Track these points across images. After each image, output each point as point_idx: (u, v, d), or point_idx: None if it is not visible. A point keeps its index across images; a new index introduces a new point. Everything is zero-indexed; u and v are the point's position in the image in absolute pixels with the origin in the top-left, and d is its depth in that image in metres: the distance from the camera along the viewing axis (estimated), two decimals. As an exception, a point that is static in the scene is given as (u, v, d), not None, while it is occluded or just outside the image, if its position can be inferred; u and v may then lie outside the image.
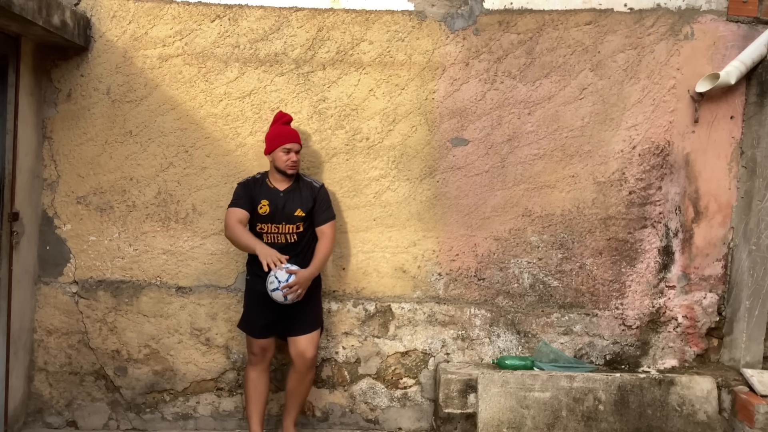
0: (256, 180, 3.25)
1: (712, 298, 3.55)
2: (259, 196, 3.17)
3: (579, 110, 3.48)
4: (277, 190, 3.19)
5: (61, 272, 3.46)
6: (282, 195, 3.18)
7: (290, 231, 3.16)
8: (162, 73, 3.42)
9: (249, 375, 3.27)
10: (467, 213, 3.51)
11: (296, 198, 3.19)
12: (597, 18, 3.45)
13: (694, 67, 3.46)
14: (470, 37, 3.44)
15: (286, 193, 3.19)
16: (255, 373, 3.25)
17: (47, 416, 3.50)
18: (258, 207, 3.16)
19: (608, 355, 3.56)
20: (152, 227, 3.47)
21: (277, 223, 3.15)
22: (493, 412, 3.23)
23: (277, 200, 3.16)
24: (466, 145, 3.48)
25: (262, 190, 3.20)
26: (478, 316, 3.53)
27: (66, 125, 3.43)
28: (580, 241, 3.51)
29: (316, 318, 3.29)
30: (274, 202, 3.16)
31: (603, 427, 3.26)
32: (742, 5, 3.45)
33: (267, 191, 3.19)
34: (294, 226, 3.16)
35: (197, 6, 3.41)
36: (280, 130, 3.17)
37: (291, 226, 3.15)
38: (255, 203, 3.16)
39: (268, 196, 3.17)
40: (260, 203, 3.16)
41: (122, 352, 3.49)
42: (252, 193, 3.18)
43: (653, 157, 3.49)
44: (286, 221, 3.15)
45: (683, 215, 3.52)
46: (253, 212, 3.16)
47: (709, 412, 3.28)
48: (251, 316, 3.24)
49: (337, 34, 3.43)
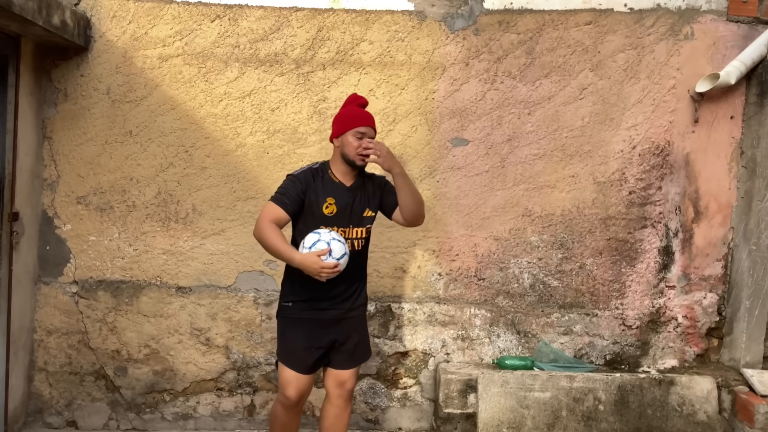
0: (315, 172, 2.64)
1: (712, 298, 3.55)
2: (323, 192, 2.60)
3: (579, 110, 3.48)
4: (343, 186, 2.64)
5: (61, 272, 3.46)
6: (349, 191, 2.64)
7: (359, 236, 2.65)
8: (162, 73, 3.42)
9: (279, 416, 2.74)
10: (467, 213, 3.51)
11: (364, 195, 2.68)
12: (597, 18, 3.45)
13: (694, 67, 3.46)
14: (470, 37, 3.44)
15: (354, 189, 2.66)
16: (289, 416, 2.74)
17: (47, 416, 3.50)
18: (323, 206, 2.58)
19: (608, 355, 3.56)
20: (152, 227, 3.47)
21: (345, 227, 2.61)
22: (493, 412, 3.23)
23: (344, 197, 2.62)
24: (466, 145, 3.48)
25: (324, 184, 2.62)
26: (478, 316, 3.53)
27: (66, 125, 3.43)
28: (580, 241, 3.52)
29: (367, 348, 2.85)
30: (341, 199, 2.61)
31: (603, 427, 3.26)
32: (742, 5, 3.45)
33: (331, 186, 2.62)
34: (363, 229, 2.67)
35: (197, 6, 3.41)
36: (353, 112, 2.64)
37: (360, 230, 2.65)
38: (315, 201, 2.59)
39: (333, 192, 2.61)
40: (325, 201, 2.59)
41: (122, 352, 3.49)
42: (308, 189, 2.59)
43: (653, 157, 3.49)
44: (355, 224, 2.64)
45: (683, 215, 3.52)
46: (310, 211, 2.59)
47: (709, 412, 3.28)
48: (299, 348, 2.65)
49: (337, 34, 3.43)
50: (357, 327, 2.76)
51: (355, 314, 2.74)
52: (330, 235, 2.46)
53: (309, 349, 2.65)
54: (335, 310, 2.67)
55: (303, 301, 2.65)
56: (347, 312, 2.70)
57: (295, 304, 2.67)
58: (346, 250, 2.48)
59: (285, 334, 2.70)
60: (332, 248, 2.43)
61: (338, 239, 2.47)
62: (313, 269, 2.43)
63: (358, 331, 2.75)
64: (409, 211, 2.64)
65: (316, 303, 2.64)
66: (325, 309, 2.66)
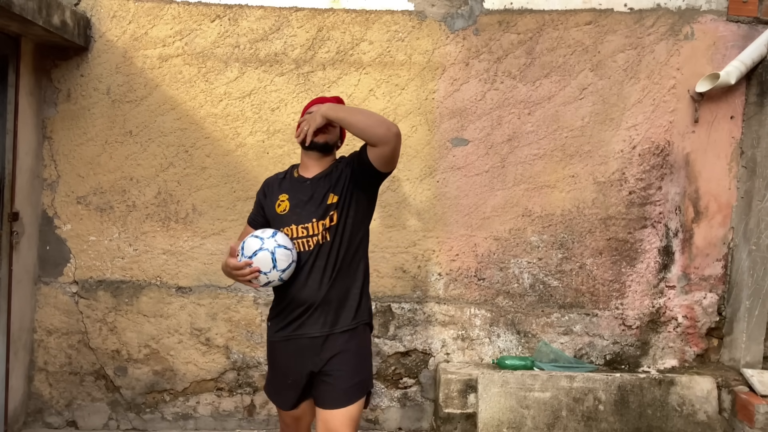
0: (284, 174, 2.37)
1: (712, 298, 3.55)
2: (278, 192, 2.30)
3: (579, 110, 3.48)
4: (302, 178, 2.28)
5: (61, 272, 3.46)
6: (308, 183, 2.25)
7: (327, 226, 2.17)
8: (162, 73, 3.42)
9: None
10: (467, 213, 3.51)
11: (327, 182, 2.23)
12: (597, 18, 3.45)
13: (694, 67, 3.46)
14: (470, 37, 3.44)
15: (316, 180, 2.25)
16: None
17: (47, 416, 3.50)
18: (275, 205, 2.27)
19: (608, 355, 3.56)
20: (152, 227, 3.47)
21: (305, 222, 2.18)
22: (493, 412, 3.23)
23: (300, 191, 2.25)
24: (466, 145, 3.48)
25: (283, 183, 2.33)
26: (478, 316, 3.53)
27: (66, 125, 3.43)
28: (580, 241, 3.51)
29: (362, 381, 2.22)
30: (296, 194, 2.25)
31: (603, 427, 3.26)
32: (742, 5, 3.45)
33: (288, 183, 2.31)
34: (328, 219, 2.18)
35: (197, 6, 3.41)
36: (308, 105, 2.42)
37: (324, 222, 2.17)
38: (269, 203, 2.30)
39: (288, 188, 2.29)
40: (277, 199, 2.27)
41: (122, 352, 3.49)
42: (267, 194, 2.33)
43: (653, 157, 3.49)
44: (319, 216, 2.18)
45: (683, 215, 3.52)
46: (270, 215, 2.30)
47: (709, 412, 3.28)
48: (275, 377, 2.31)
49: (337, 34, 3.43)
50: (347, 351, 2.19)
51: (342, 334, 2.19)
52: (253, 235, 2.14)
53: (284, 381, 2.24)
54: (309, 328, 2.18)
55: (275, 318, 2.26)
56: (330, 330, 2.18)
57: (271, 324, 2.29)
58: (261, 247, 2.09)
59: (268, 361, 2.36)
60: (243, 246, 2.11)
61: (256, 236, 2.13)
62: (227, 272, 2.16)
63: (348, 358, 2.18)
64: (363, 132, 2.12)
65: (285, 320, 2.21)
66: (296, 328, 2.19)
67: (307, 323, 2.19)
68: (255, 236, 2.13)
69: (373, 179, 2.23)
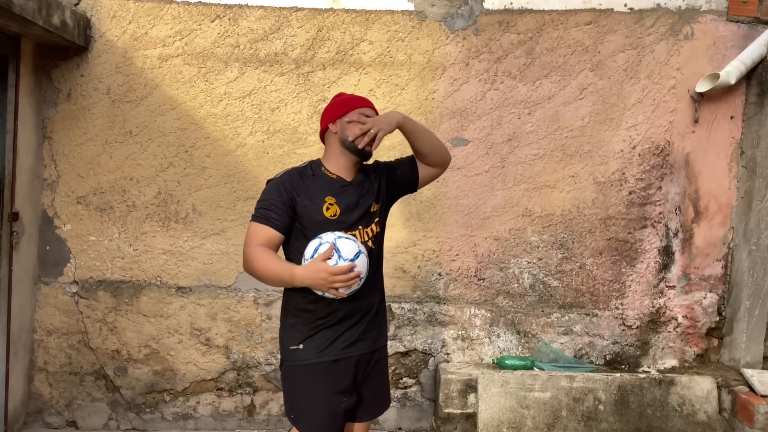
0: (303, 171, 2.09)
1: (712, 298, 3.55)
2: (318, 192, 2.04)
3: (579, 110, 3.48)
4: (343, 181, 2.09)
5: (61, 272, 3.46)
6: (352, 187, 2.10)
7: (371, 236, 2.11)
8: (162, 73, 3.42)
9: None
10: (467, 213, 3.51)
11: (368, 189, 2.13)
12: (597, 18, 3.45)
13: (694, 67, 3.46)
14: (470, 37, 3.44)
15: (357, 184, 2.12)
16: None
17: (47, 416, 3.50)
18: (323, 208, 2.02)
19: (608, 355, 3.56)
20: (152, 227, 3.47)
21: (353, 229, 2.05)
22: (493, 412, 3.23)
23: (346, 194, 2.07)
24: (466, 145, 3.48)
25: (318, 182, 2.07)
26: (478, 316, 3.53)
27: (66, 125, 3.43)
28: (580, 241, 3.51)
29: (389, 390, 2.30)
30: (343, 197, 2.06)
31: (603, 427, 3.26)
32: (742, 5, 3.45)
33: (328, 183, 2.07)
34: (373, 226, 2.13)
35: (197, 6, 3.41)
36: (350, 97, 2.19)
37: (369, 230, 2.11)
38: (310, 204, 2.02)
39: (331, 189, 2.06)
40: (324, 202, 2.03)
41: (122, 352, 3.49)
42: (298, 193, 2.03)
43: (653, 157, 3.49)
44: (365, 224, 2.09)
45: (683, 215, 3.52)
46: (308, 220, 2.02)
47: (709, 412, 3.28)
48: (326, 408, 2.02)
49: (337, 34, 3.43)
50: (384, 364, 2.19)
51: (383, 346, 2.19)
52: (334, 235, 1.93)
53: (339, 404, 2.02)
54: (364, 341, 2.08)
55: (310, 338, 2.02)
56: (375, 342, 2.12)
57: (308, 345, 2.02)
58: (360, 248, 1.92)
59: (301, 392, 2.02)
60: (340, 247, 1.88)
61: (347, 237, 1.94)
62: (320, 279, 1.85)
63: (384, 370, 2.18)
64: (432, 150, 2.17)
65: (330, 338, 2.02)
66: (350, 344, 2.04)
67: (358, 338, 2.05)
68: (346, 238, 1.92)
69: (405, 193, 2.29)
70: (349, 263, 1.86)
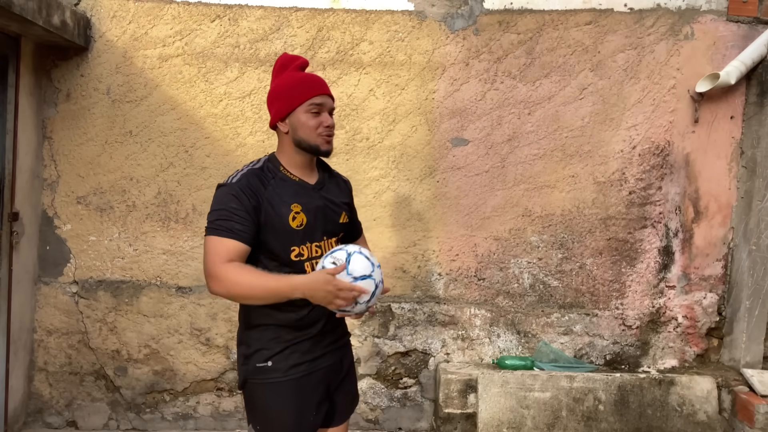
0: (262, 174, 1.86)
1: (712, 298, 3.55)
2: (283, 199, 1.83)
3: (579, 110, 3.48)
4: (307, 185, 1.90)
5: (61, 272, 3.46)
6: (315, 191, 1.91)
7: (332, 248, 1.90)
8: (162, 73, 3.42)
9: None
10: (467, 213, 3.51)
11: (335, 194, 1.98)
12: (597, 18, 3.45)
13: (694, 67, 3.46)
14: (470, 37, 3.44)
15: (321, 187, 1.94)
16: None
17: (47, 416, 3.50)
18: (289, 218, 1.81)
19: (608, 355, 3.56)
20: (152, 227, 3.47)
21: (318, 240, 1.88)
22: (493, 412, 3.23)
23: (312, 200, 1.88)
24: (466, 145, 3.48)
25: (280, 187, 1.85)
26: (478, 316, 3.53)
27: (66, 125, 3.43)
28: (580, 241, 3.51)
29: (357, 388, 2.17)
30: (310, 204, 1.87)
31: (603, 427, 3.26)
32: (742, 5, 3.45)
33: (292, 188, 1.87)
34: (336, 239, 1.96)
35: (197, 6, 3.41)
36: (297, 79, 1.87)
37: (333, 242, 1.94)
38: (275, 214, 1.80)
39: (296, 195, 1.86)
40: (290, 211, 1.82)
41: (122, 352, 3.49)
42: (261, 200, 1.80)
43: (653, 157, 3.49)
44: (329, 234, 1.92)
45: (683, 215, 3.52)
46: (272, 229, 1.81)
47: (709, 412, 3.28)
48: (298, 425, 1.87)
49: (337, 34, 3.43)
50: (352, 365, 2.08)
51: (346, 342, 2.06)
52: (355, 247, 1.80)
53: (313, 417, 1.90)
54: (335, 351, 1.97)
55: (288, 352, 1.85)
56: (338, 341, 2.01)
57: (277, 362, 1.85)
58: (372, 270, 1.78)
59: (270, 408, 1.85)
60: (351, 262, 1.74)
61: (365, 254, 1.79)
62: (326, 291, 1.69)
63: (353, 370, 2.08)
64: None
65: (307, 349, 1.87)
66: (320, 355, 1.91)
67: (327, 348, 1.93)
68: (361, 253, 1.77)
69: None
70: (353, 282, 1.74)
